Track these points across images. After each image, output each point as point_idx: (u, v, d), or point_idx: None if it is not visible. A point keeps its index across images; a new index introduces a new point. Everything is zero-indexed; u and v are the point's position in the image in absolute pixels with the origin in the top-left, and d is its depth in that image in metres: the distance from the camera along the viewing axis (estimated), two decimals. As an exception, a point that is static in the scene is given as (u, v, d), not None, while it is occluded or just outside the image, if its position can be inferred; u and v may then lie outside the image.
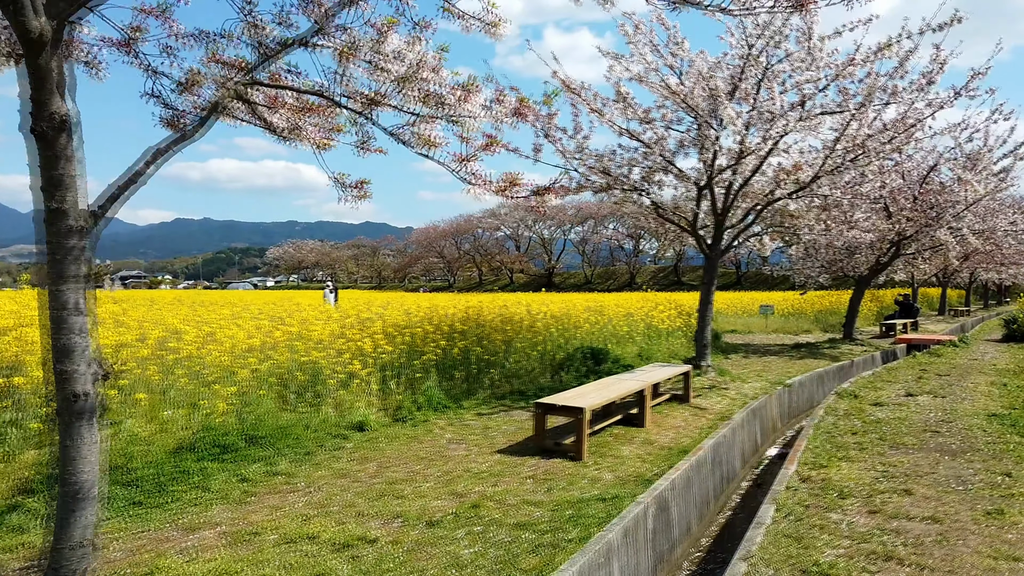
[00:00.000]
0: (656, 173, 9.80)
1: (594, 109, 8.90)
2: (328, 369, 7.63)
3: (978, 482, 5.43)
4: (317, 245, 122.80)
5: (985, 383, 10.98)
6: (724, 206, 10.08)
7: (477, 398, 8.85)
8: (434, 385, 8.62)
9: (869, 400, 9.33)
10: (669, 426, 7.53)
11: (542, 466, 5.79)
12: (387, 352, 8.36)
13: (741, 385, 9.86)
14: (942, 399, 9.42)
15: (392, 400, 7.95)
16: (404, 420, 7.51)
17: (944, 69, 8.25)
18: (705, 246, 10.12)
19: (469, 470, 5.65)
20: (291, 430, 6.46)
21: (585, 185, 9.55)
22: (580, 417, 5.97)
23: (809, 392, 11.67)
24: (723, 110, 8.17)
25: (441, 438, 6.82)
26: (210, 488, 5.12)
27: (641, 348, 13.38)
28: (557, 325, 12.30)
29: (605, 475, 5.63)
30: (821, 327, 22.59)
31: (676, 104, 9.17)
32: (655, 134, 9.16)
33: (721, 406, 8.66)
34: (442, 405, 8.14)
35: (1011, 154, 15.03)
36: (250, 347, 7.79)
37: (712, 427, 7.53)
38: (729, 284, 72.58)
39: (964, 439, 7.00)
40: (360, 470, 5.68)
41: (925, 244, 15.64)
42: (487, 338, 10.18)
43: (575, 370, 10.96)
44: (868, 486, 5.39)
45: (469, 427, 7.32)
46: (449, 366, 9.43)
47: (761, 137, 8.68)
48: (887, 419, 8.00)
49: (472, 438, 6.82)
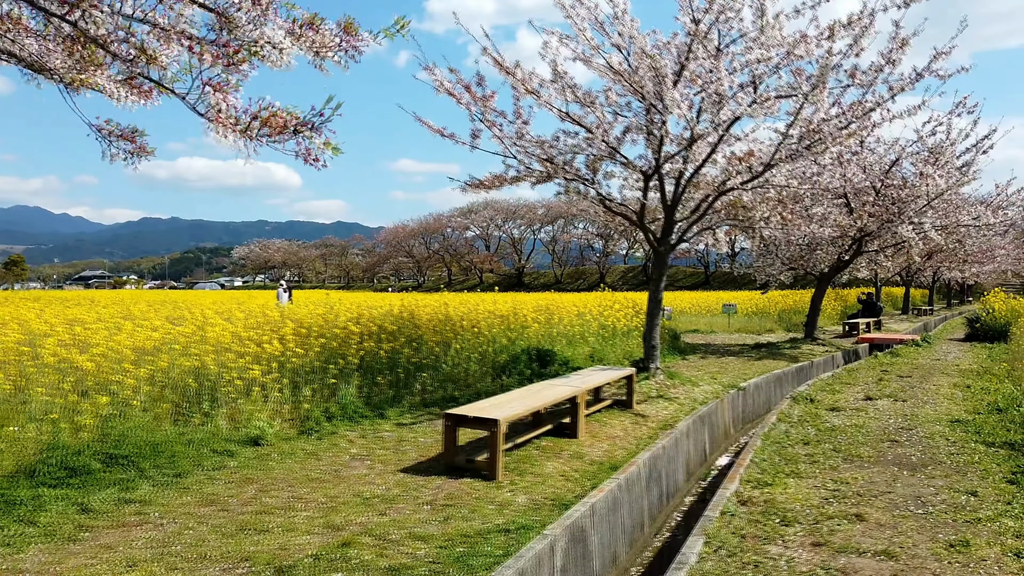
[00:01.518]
0: (601, 161, 9.09)
1: (529, 90, 8.15)
2: (224, 375, 6.76)
3: (940, 503, 4.77)
4: (284, 244, 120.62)
5: (948, 385, 10.47)
6: (674, 197, 9.40)
7: (402, 406, 8.05)
8: (353, 392, 7.79)
9: (826, 405, 8.71)
10: (605, 436, 6.81)
11: (447, 488, 5.01)
12: (298, 356, 7.52)
13: (691, 389, 9.19)
14: (903, 403, 8.84)
15: (302, 410, 7.12)
16: (311, 432, 6.68)
17: (904, 50, 7.65)
18: (654, 240, 9.43)
19: (360, 494, 4.85)
20: (166, 447, 5.60)
21: (523, 176, 8.80)
22: (494, 431, 5.20)
23: (766, 395, 11.06)
24: (667, 92, 7.48)
25: (345, 453, 6.01)
26: (37, 522, 4.25)
27: (594, 349, 12.68)
28: (503, 325, 11.54)
29: (518, 498, 4.87)
30: (784, 326, 22.17)
31: (623, 88, 8.46)
32: (598, 118, 8.43)
33: (667, 413, 7.97)
34: (359, 415, 7.33)
35: (973, 148, 14.65)
36: (136, 348, 6.89)
37: (653, 437, 6.82)
38: (698, 283, 72.63)
39: (925, 449, 6.37)
40: (234, 495, 4.85)
41: (888, 241, 15.19)
42: (418, 339, 9.38)
43: (519, 373, 10.22)
44: (816, 509, 4.70)
45: (382, 440, 6.52)
46: (376, 370, 8.62)
47: (710, 122, 8.01)
48: (843, 427, 7.37)
49: (380, 453, 6.02)
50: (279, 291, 21.25)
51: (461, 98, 8.70)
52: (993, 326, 19.14)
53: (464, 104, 8.72)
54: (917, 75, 7.66)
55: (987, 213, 16.06)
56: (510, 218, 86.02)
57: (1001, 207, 16.27)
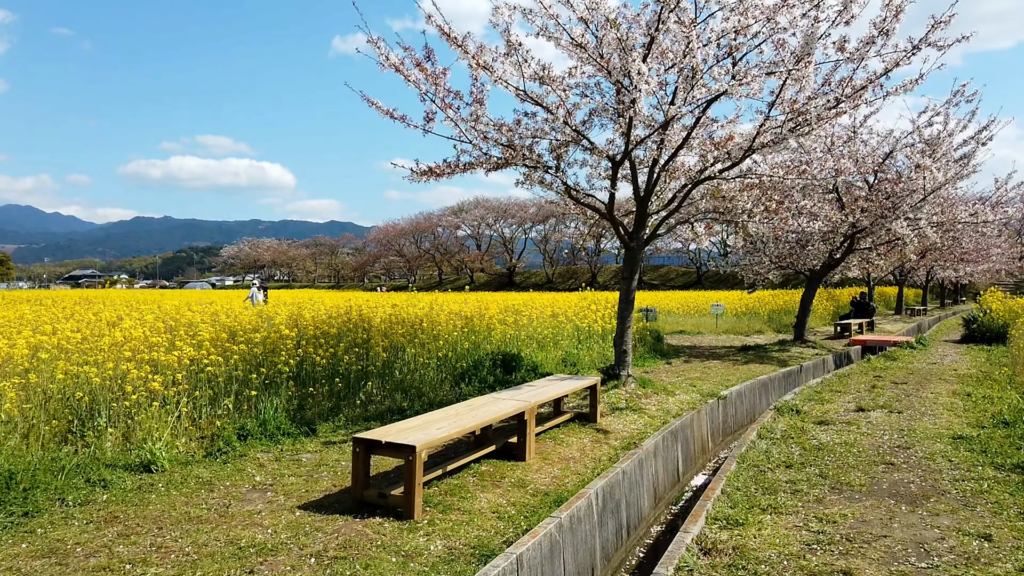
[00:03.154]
0: (566, 147, 8.20)
1: (481, 64, 7.26)
2: (123, 386, 5.85)
3: (947, 552, 3.89)
4: (274, 244, 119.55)
5: (946, 393, 9.63)
6: (647, 187, 8.51)
7: (339, 419, 7.14)
8: (280, 405, 6.89)
9: (813, 417, 7.85)
10: (559, 458, 5.91)
11: (347, 532, 4.11)
12: (214, 364, 6.60)
13: (666, 399, 8.30)
14: (898, 415, 7.98)
15: (214, 427, 6.21)
16: (218, 454, 5.77)
17: (899, 18, 6.79)
18: (624, 234, 8.55)
19: (236, 541, 3.95)
20: (25, 477, 4.68)
21: (478, 162, 7.89)
22: (411, 459, 4.30)
23: (750, 403, 10.20)
24: (631, 64, 6.60)
25: (248, 482, 5.10)
26: None
27: (567, 353, 11.80)
28: (467, 327, 10.65)
29: (433, 546, 3.98)
30: (774, 327, 21.35)
31: (593, 67, 7.57)
32: (559, 97, 7.55)
33: (635, 428, 7.08)
34: (281, 432, 6.41)
35: (972, 139, 13.81)
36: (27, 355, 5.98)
37: (614, 458, 5.93)
38: (690, 283, 71.92)
39: (926, 475, 5.51)
40: (84, 542, 3.94)
41: (881, 238, 14.35)
42: (365, 344, 8.48)
43: (480, 380, 9.34)
44: (795, 560, 3.82)
45: (298, 464, 5.61)
46: (312, 379, 7.72)
47: (683, 100, 7.12)
48: (832, 445, 6.50)
49: (289, 482, 5.12)
50: (252, 290, 20.31)
51: (410, 75, 7.79)
52: (991, 327, 18.36)
53: (413, 82, 7.80)
54: (914, 47, 6.79)
55: (985, 210, 15.23)
56: (501, 217, 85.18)
57: (1000, 203, 15.46)
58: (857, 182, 14.79)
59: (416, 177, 7.67)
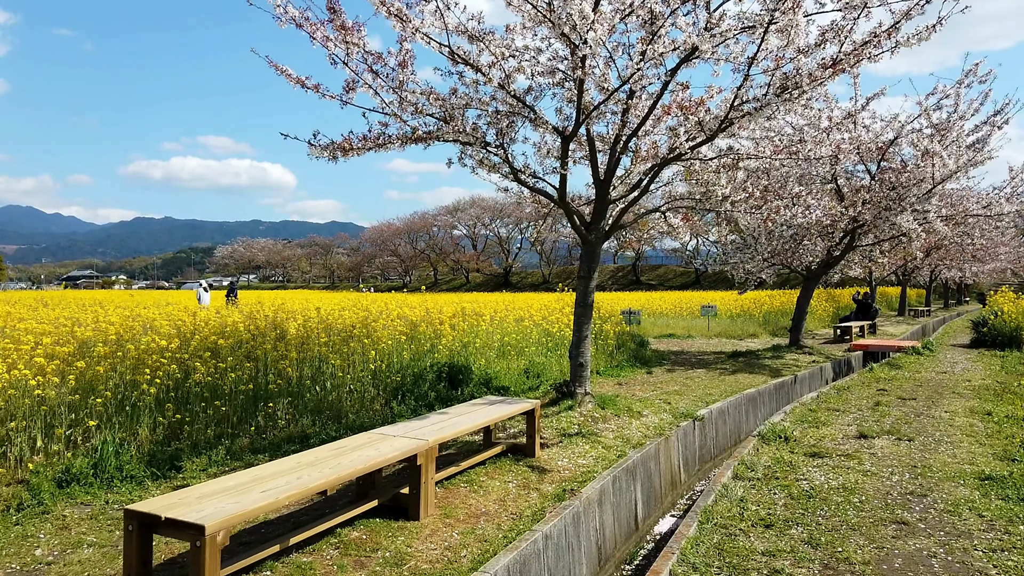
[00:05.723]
0: (510, 121, 6.81)
1: (393, 12, 5.89)
2: None
3: None
4: (268, 244, 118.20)
5: (963, 411, 8.22)
6: (608, 168, 7.12)
7: (218, 453, 5.72)
8: (127, 437, 5.50)
9: (805, 446, 6.44)
10: (468, 513, 4.50)
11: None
12: (49, 385, 5.21)
13: (628, 423, 6.89)
14: (909, 443, 6.57)
15: (25, 472, 4.82)
16: (18, 510, 4.38)
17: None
18: (581, 225, 7.16)
19: None
20: None
21: (400, 136, 6.50)
22: (199, 545, 2.91)
23: (735, 422, 8.79)
24: (575, 5, 5.22)
25: (22, 557, 3.71)
26: None
27: (531, 363, 10.39)
28: (411, 334, 9.26)
29: None
30: (770, 330, 19.93)
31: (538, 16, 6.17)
32: (493, 55, 6.17)
33: (583, 463, 5.68)
34: (121, 475, 5.01)
35: (986, 122, 12.40)
36: None
37: (540, 511, 4.52)
38: (688, 283, 70.44)
39: (950, 540, 4.10)
40: None
41: (885, 233, 12.94)
42: (266, 357, 7.08)
43: (418, 398, 7.99)
44: None
45: (116, 524, 4.21)
46: (186, 401, 6.30)
47: (641, 54, 5.72)
48: (826, 491, 5.09)
49: (78, 558, 3.72)
50: (199, 290, 18.91)
51: (315, 32, 6.40)
52: (1003, 331, 16.94)
53: (320, 40, 6.41)
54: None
55: (1000, 201, 13.81)
56: (497, 216, 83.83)
57: (1016, 193, 14.07)
58: (858, 171, 13.39)
59: (318, 152, 6.26)
